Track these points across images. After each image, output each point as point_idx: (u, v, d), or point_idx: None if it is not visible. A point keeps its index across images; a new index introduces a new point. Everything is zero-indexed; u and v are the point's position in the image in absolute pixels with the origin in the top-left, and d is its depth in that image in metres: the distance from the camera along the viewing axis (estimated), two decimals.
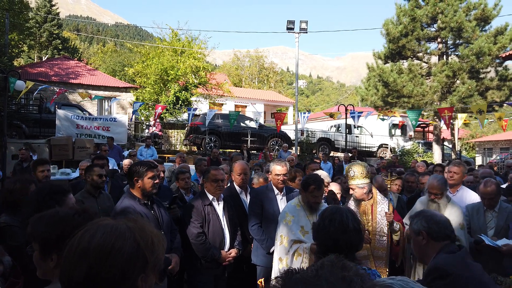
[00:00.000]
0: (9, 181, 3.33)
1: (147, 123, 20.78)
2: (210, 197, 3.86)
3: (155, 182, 3.32)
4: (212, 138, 15.78)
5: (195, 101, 22.48)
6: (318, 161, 9.02)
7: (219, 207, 3.90)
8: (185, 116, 22.15)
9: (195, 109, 14.31)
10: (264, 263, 3.91)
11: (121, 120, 14.49)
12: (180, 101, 20.36)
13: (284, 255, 3.37)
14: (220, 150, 16.79)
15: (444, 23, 15.98)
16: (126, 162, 7.32)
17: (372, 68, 17.79)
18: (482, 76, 16.42)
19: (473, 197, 4.60)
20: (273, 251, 3.66)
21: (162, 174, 5.40)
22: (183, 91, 20.65)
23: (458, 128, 21.58)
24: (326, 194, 4.42)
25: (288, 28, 17.18)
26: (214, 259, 3.68)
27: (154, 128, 17.71)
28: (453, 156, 19.51)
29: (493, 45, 15.06)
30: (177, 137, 19.76)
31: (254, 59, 53.78)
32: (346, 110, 16.14)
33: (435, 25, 16.89)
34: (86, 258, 0.99)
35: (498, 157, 25.76)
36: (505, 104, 16.28)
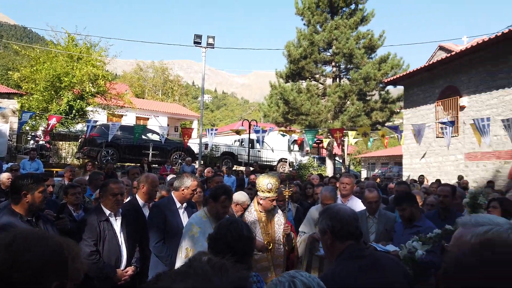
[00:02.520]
0: None
1: (33, 134, 18.65)
2: (107, 212, 3.57)
3: (45, 196, 3.00)
4: (110, 151, 14.81)
5: (92, 111, 20.92)
6: (221, 174, 9.07)
7: (116, 223, 3.64)
8: (78, 127, 20.45)
9: (95, 122, 13.22)
10: None
11: (0, 130, 12.76)
12: (74, 111, 18.74)
13: None
14: (118, 164, 15.84)
15: (338, 48, 17.62)
16: (5, 176, 6.42)
17: (275, 87, 18.69)
18: (368, 98, 18.43)
19: (361, 205, 5.09)
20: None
21: (50, 188, 4.86)
22: (78, 100, 19.07)
23: (348, 145, 23.74)
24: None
25: (195, 42, 17.20)
26: (109, 278, 3.40)
27: (41, 139, 15.94)
28: (343, 170, 21.38)
29: (378, 71, 17.06)
30: (68, 149, 18.09)
31: (158, 70, 52.34)
32: (250, 125, 16.64)
33: (331, 50, 18.52)
34: None
35: (380, 171, 29.01)
36: (387, 123, 18.46)
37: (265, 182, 3.89)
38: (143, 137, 15.50)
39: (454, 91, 13.34)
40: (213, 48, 17.55)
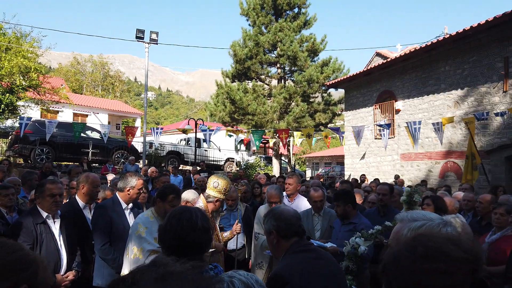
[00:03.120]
0: None
1: None
2: (44, 214, 3.36)
3: None
4: (44, 149, 13.84)
5: (23, 106, 19.41)
6: (168, 174, 8.86)
7: (55, 226, 3.43)
8: (8, 122, 18.90)
9: (29, 119, 12.10)
10: None
11: None
12: (2, 105, 17.24)
13: None
14: (54, 163, 14.90)
15: (282, 51, 17.98)
16: None
17: (221, 86, 18.63)
18: (312, 100, 19.01)
19: (306, 203, 5.26)
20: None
21: None
22: (7, 94, 17.57)
23: (293, 145, 24.33)
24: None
25: (137, 37, 16.63)
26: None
27: None
28: (289, 169, 21.88)
29: (320, 74, 17.65)
30: None
31: (97, 65, 49.79)
32: (196, 124, 16.45)
33: (275, 52, 18.83)
34: None
35: (323, 171, 30.11)
36: (330, 125, 19.19)
37: (222, 183, 3.89)
38: (82, 134, 14.69)
39: (390, 95, 14.22)
40: (157, 44, 17.10)
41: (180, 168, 16.94)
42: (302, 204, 5.25)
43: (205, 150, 19.40)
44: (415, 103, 13.12)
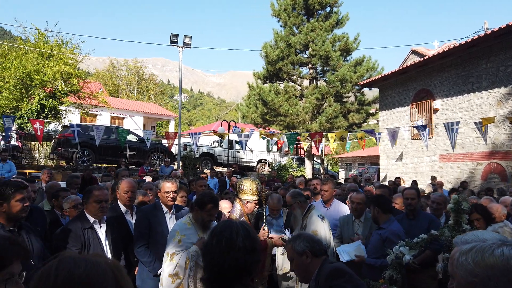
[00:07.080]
0: None
1: (2, 134, 17.89)
2: (91, 219, 3.49)
3: (24, 205, 2.86)
4: (85, 152, 14.41)
5: (65, 110, 20.33)
6: (205, 176, 8.98)
7: (101, 231, 3.55)
8: (51, 126, 19.84)
9: (79, 126, 12.51)
10: (152, 287, 3.70)
11: None
12: (46, 110, 18.12)
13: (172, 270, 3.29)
14: (95, 165, 15.50)
15: (314, 51, 17.77)
16: None
17: (253, 87, 18.67)
18: (345, 100, 18.68)
19: (344, 208, 5.17)
20: (161, 273, 3.50)
21: (33, 195, 4.70)
22: (50, 99, 18.46)
23: (325, 146, 24.03)
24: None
25: (171, 42, 16.98)
26: None
27: (13, 140, 15.33)
28: (322, 171, 21.63)
29: (353, 74, 17.29)
30: (41, 150, 17.48)
31: (132, 68, 51.39)
32: (229, 126, 16.60)
33: (307, 52, 18.64)
34: None
35: (357, 171, 29.55)
36: (363, 125, 18.81)
37: (256, 185, 3.94)
38: None
39: (427, 94, 13.75)
40: (190, 47, 17.37)
41: (214, 168, 17.16)
42: (340, 209, 5.17)
43: (238, 152, 19.53)
44: (454, 102, 12.62)
